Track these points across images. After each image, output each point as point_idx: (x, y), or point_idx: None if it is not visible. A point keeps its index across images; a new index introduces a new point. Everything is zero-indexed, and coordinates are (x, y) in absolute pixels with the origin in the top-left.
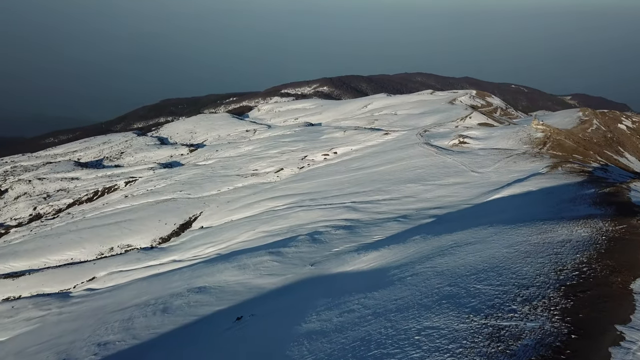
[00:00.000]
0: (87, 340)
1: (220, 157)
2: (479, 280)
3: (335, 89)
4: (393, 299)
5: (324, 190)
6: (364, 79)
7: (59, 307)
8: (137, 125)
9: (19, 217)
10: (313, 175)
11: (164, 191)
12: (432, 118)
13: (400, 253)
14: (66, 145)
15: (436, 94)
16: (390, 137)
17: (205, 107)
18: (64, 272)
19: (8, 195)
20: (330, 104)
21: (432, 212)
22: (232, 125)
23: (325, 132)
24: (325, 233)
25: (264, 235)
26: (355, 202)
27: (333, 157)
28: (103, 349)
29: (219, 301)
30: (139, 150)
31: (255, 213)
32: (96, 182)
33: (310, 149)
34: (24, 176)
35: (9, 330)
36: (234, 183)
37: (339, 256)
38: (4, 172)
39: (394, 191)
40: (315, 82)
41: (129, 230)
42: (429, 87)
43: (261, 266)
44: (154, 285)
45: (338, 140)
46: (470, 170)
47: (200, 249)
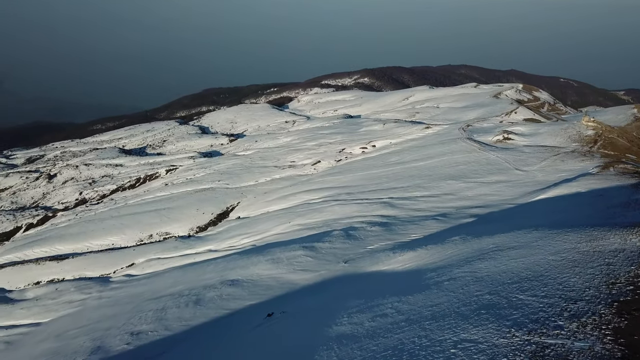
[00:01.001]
0: (122, 328)
1: (259, 147)
2: (522, 290)
3: (376, 80)
4: (428, 305)
5: (361, 185)
6: (405, 70)
7: (99, 292)
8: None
9: (65, 201)
10: (350, 169)
11: (203, 180)
12: (476, 112)
13: (438, 254)
14: (112, 132)
15: (480, 87)
16: (431, 131)
17: (247, 97)
18: (105, 257)
19: (57, 179)
20: (371, 95)
21: (473, 211)
22: (271, 116)
23: (364, 124)
24: (361, 229)
25: (299, 229)
26: (393, 197)
27: (371, 150)
28: (135, 338)
29: (251, 295)
30: (180, 139)
31: (291, 205)
32: (139, 169)
33: (348, 141)
34: (72, 161)
35: (52, 312)
36: (271, 174)
37: (373, 254)
38: (54, 157)
39: (433, 188)
40: (356, 73)
41: (167, 218)
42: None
43: (294, 261)
44: (189, 275)
45: (377, 133)
46: (515, 168)
47: (236, 239)
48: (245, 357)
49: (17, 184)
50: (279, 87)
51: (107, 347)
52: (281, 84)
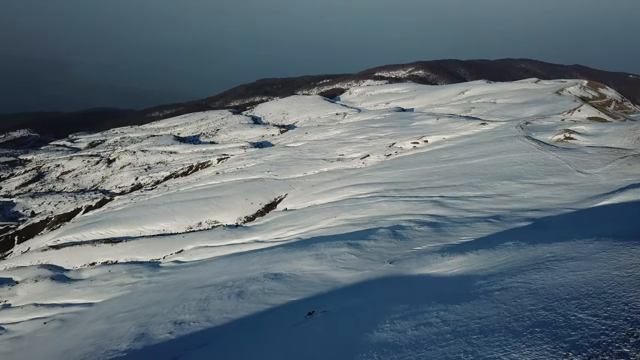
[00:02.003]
0: (166, 316)
1: (308, 139)
2: (582, 308)
3: (431, 73)
4: (477, 316)
5: (411, 181)
6: (462, 63)
7: (148, 276)
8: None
9: (122, 185)
10: (400, 164)
11: (252, 170)
12: (535, 109)
13: (489, 260)
14: (168, 120)
15: (541, 83)
16: (487, 128)
17: (299, 88)
18: (156, 242)
19: (115, 164)
20: (425, 88)
21: (529, 214)
22: (323, 107)
23: (416, 118)
24: (408, 228)
25: (345, 224)
26: (444, 196)
27: (423, 145)
28: (178, 328)
29: (293, 291)
30: (233, 129)
31: (337, 199)
32: (192, 157)
33: (399, 135)
34: (130, 147)
35: (105, 294)
36: (319, 167)
37: (420, 256)
38: (114, 142)
39: (487, 187)
40: (410, 66)
41: (217, 206)
42: (533, 75)
43: (338, 258)
44: (234, 266)
45: (430, 127)
46: (576, 170)
47: (282, 231)
48: (283, 357)
49: (79, 167)
50: (331, 78)
51: (151, 335)
52: (334, 75)
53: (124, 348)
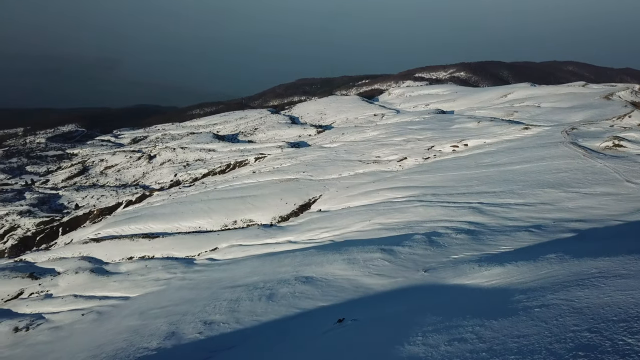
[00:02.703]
0: (197, 315)
1: (345, 140)
2: (631, 333)
3: (473, 75)
4: (515, 335)
5: (449, 186)
6: (505, 65)
7: (183, 273)
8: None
9: (162, 181)
10: (438, 168)
11: (288, 170)
12: (583, 114)
13: (530, 273)
14: (208, 118)
15: (589, 87)
16: (530, 132)
17: (338, 89)
18: (191, 239)
19: (156, 160)
20: (466, 91)
21: (573, 225)
22: (360, 108)
23: (456, 121)
24: (445, 235)
25: (379, 228)
26: (483, 203)
27: (463, 149)
28: (208, 328)
29: (324, 296)
30: (270, 128)
31: (372, 202)
32: (229, 155)
33: (438, 138)
34: (170, 144)
35: (140, 288)
36: (355, 169)
37: (457, 265)
38: (155, 138)
39: (528, 195)
40: (451, 67)
41: (252, 205)
42: (581, 78)
43: (371, 264)
44: (266, 266)
45: (470, 131)
46: (625, 179)
47: (315, 232)
48: None
49: (121, 162)
50: (370, 79)
51: (181, 334)
52: (373, 75)
53: (154, 346)
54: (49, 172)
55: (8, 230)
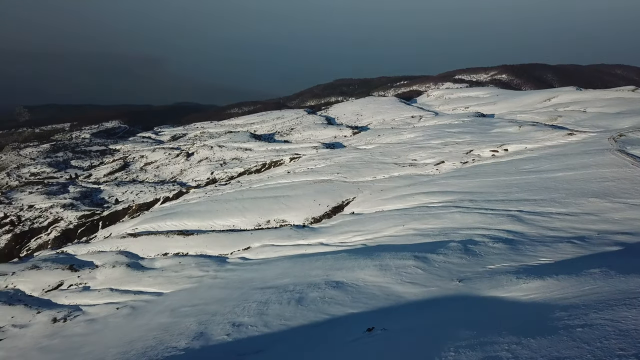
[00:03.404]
0: (226, 316)
1: (381, 142)
2: None
3: (515, 78)
4: (554, 356)
5: (487, 192)
6: (549, 68)
7: (215, 271)
8: (309, 102)
9: (199, 179)
10: (477, 173)
11: (322, 171)
12: (632, 120)
13: (571, 288)
14: (246, 117)
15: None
16: (574, 138)
17: (375, 89)
18: (225, 237)
19: (193, 158)
20: (507, 94)
21: (620, 238)
22: (398, 110)
23: (497, 125)
24: (481, 244)
25: (413, 234)
26: (522, 211)
27: (503, 154)
28: (236, 330)
29: (354, 303)
30: (306, 128)
31: (407, 206)
32: (265, 155)
33: (477, 142)
34: (208, 142)
35: (174, 284)
36: (390, 171)
37: (493, 276)
38: (194, 136)
39: (571, 204)
40: (493, 69)
41: (285, 206)
42: (630, 82)
43: (404, 271)
44: (297, 268)
45: (511, 135)
46: None
47: (347, 235)
48: None
49: (160, 159)
50: (409, 80)
51: (209, 335)
52: (411, 77)
53: (183, 346)
54: (92, 167)
55: (52, 222)
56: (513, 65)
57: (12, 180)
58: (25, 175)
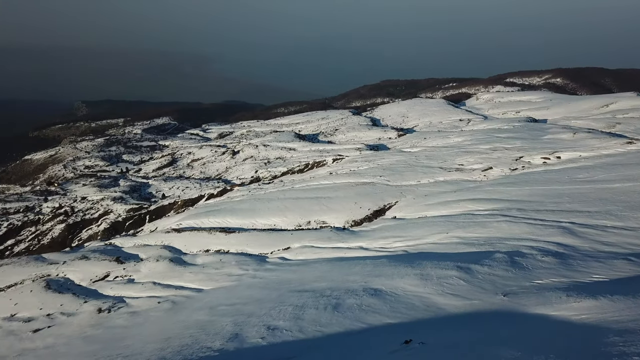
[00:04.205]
0: (262, 318)
1: (426, 145)
2: None
3: (570, 82)
4: None
5: (537, 201)
6: (609, 72)
7: (254, 270)
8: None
9: (243, 177)
10: (526, 181)
11: (365, 174)
12: None
13: (628, 311)
14: (291, 117)
15: None
16: (634, 147)
17: (423, 91)
18: (266, 236)
19: (239, 156)
20: (562, 98)
21: None
22: (445, 112)
23: (549, 131)
24: (529, 256)
25: (457, 242)
26: (575, 223)
27: (555, 162)
28: (270, 334)
29: (392, 312)
30: (351, 129)
31: (451, 213)
32: (309, 155)
33: (528, 148)
34: (253, 141)
35: (213, 282)
36: (435, 176)
37: (541, 292)
38: (240, 135)
39: (629, 218)
40: (547, 73)
41: (326, 207)
42: None
43: (445, 282)
44: (335, 272)
45: (564, 142)
46: None
47: (388, 240)
48: None
49: (207, 156)
50: (458, 82)
51: (244, 337)
52: (461, 79)
53: (217, 347)
54: (142, 162)
55: (102, 214)
56: (568, 69)
57: (68, 172)
58: (80, 168)
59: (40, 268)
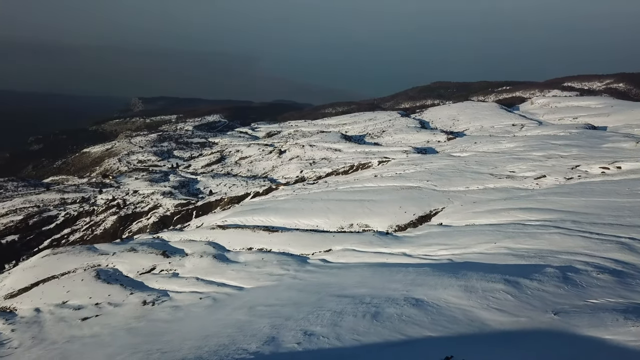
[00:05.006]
0: (299, 322)
1: (477, 150)
2: None
3: (634, 87)
4: None
5: (593, 214)
6: None
7: (295, 271)
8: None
9: (288, 176)
10: (582, 191)
11: (411, 177)
12: None
13: None
14: (339, 117)
15: None
16: None
17: (474, 94)
18: (308, 237)
19: (285, 155)
20: (624, 105)
21: None
22: (498, 116)
23: (609, 139)
24: (583, 273)
25: (505, 253)
26: (635, 239)
27: (614, 172)
28: (307, 340)
29: (432, 325)
30: (398, 131)
31: (500, 222)
32: (354, 156)
33: (585, 157)
34: (300, 141)
35: (254, 280)
36: (484, 182)
37: (595, 312)
38: (287, 134)
39: None
40: (608, 77)
41: (370, 210)
42: None
43: (491, 295)
44: (376, 278)
45: (625, 152)
46: None
47: (432, 248)
48: None
49: (254, 155)
50: (512, 85)
51: (279, 341)
52: (515, 82)
53: (253, 349)
54: (191, 158)
55: (152, 207)
56: (632, 74)
57: (122, 165)
58: (133, 162)
59: (92, 258)
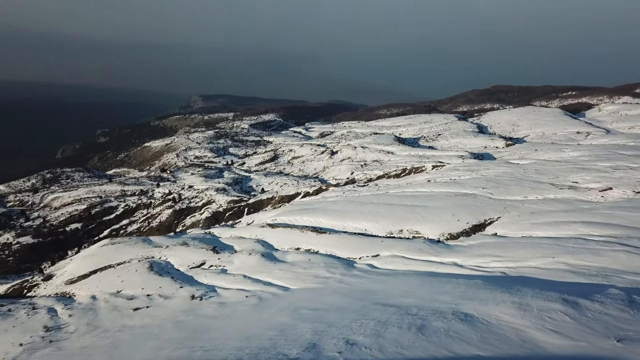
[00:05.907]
0: (341, 330)
1: (537, 158)
2: None
3: None
4: None
5: None
6: None
7: (341, 275)
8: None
9: (338, 178)
10: None
11: (466, 184)
12: None
13: None
14: (393, 119)
15: None
16: None
17: (537, 99)
18: (356, 240)
19: (336, 156)
20: None
21: None
22: (561, 123)
23: None
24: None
25: (564, 269)
26: None
27: None
28: (348, 350)
29: (481, 343)
30: (455, 135)
31: (560, 236)
32: (407, 159)
33: None
34: (352, 142)
35: (300, 281)
36: (544, 192)
37: None
38: (340, 135)
39: None
40: None
41: (420, 216)
42: None
43: (547, 315)
44: (424, 288)
45: None
46: None
47: (485, 259)
48: None
49: (306, 155)
50: (578, 91)
51: (320, 348)
52: (581, 87)
53: (293, 355)
54: (246, 156)
55: (205, 203)
56: None
57: (180, 160)
58: (190, 158)
59: (146, 250)
